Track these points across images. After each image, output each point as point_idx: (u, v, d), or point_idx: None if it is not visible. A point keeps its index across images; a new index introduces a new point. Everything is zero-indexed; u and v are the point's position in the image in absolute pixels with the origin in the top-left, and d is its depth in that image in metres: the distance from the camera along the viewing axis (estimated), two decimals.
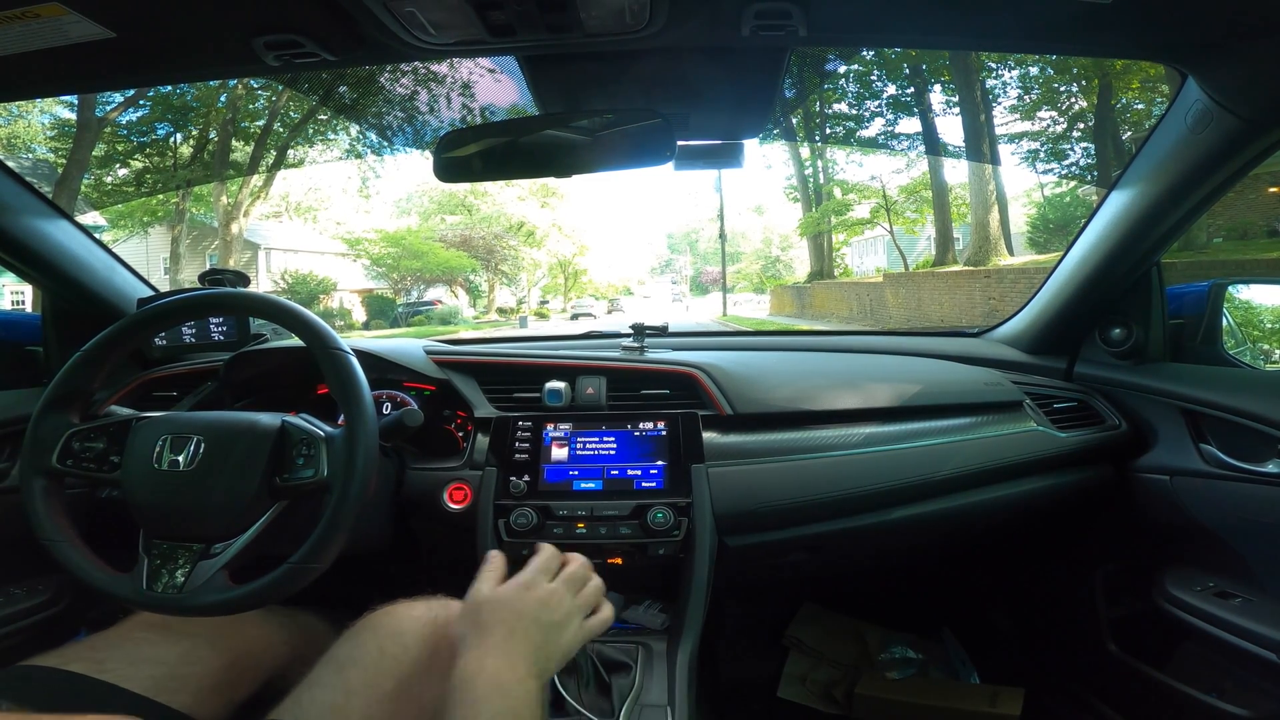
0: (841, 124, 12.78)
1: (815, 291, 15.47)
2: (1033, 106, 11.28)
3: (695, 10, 0.71)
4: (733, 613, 1.57)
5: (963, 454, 1.06)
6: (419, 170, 24.23)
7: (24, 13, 0.65)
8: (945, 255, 12.75)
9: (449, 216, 19.27)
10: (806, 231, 17.19)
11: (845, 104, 12.53)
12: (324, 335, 0.77)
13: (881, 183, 15.30)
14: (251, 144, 11.10)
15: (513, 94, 1.35)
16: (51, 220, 1.16)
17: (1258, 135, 0.86)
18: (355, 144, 11.84)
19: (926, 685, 1.37)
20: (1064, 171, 12.15)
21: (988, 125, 11.25)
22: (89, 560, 0.74)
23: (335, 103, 8.96)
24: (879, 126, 12.63)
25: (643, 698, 0.81)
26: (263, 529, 0.73)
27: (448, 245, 17.64)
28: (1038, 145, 11.77)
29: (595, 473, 1.00)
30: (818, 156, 16.11)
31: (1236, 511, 0.98)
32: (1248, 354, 1.23)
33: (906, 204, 14.77)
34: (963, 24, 0.80)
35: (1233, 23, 0.73)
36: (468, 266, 18.01)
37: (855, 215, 15.69)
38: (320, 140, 11.58)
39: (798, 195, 17.16)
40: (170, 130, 10.43)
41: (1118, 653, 1.17)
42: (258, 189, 12.69)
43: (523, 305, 19.95)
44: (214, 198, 12.30)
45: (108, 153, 9.89)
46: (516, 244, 18.72)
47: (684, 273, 32.67)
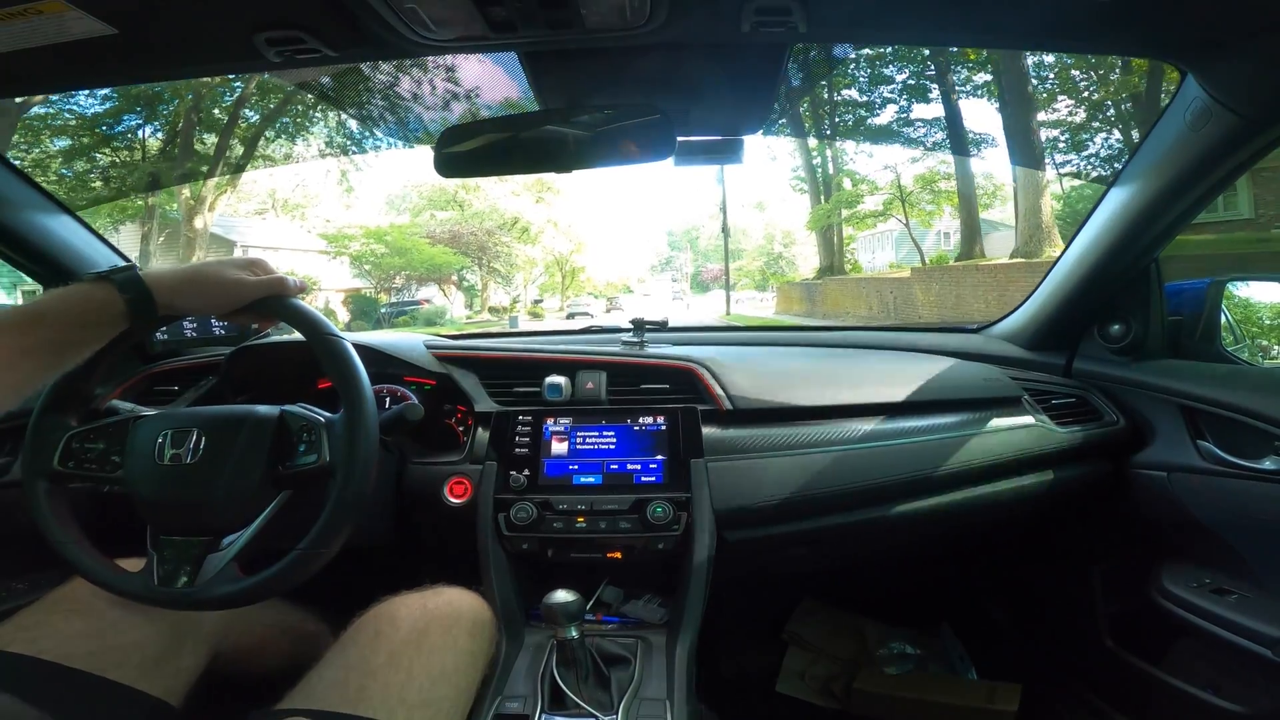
0: (853, 111, 11.83)
1: (828, 288, 14.41)
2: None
3: (695, 7, 0.71)
4: (732, 607, 1.57)
5: (962, 449, 1.06)
6: (409, 164, 23.26)
7: (26, 9, 0.65)
8: (972, 248, 11.68)
9: (439, 213, 18.44)
10: (816, 225, 16.17)
11: (856, 91, 11.46)
12: (319, 323, 0.77)
13: (896, 172, 14.13)
14: (219, 135, 10.22)
15: (513, 89, 1.36)
16: (53, 215, 1.16)
17: (1256, 133, 0.86)
18: (335, 134, 11.07)
19: (925, 680, 1.38)
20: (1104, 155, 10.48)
21: (1032, 102, 9.99)
22: (98, 560, 0.74)
23: (314, 89, 8.54)
24: (892, 114, 11.58)
25: (642, 691, 0.81)
26: (270, 520, 0.73)
27: (434, 241, 16.69)
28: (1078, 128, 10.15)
29: (595, 467, 1.01)
30: (827, 145, 15.09)
31: (1234, 508, 0.99)
32: (1246, 351, 1.23)
33: (922, 194, 13.83)
34: (963, 21, 0.80)
35: (1232, 21, 0.73)
36: (455, 264, 17.12)
37: (867, 207, 14.73)
38: (298, 132, 10.89)
39: (805, 187, 16.36)
40: (139, 122, 9.71)
41: (1115, 648, 1.17)
42: (224, 181, 11.75)
43: (517, 304, 19.28)
44: (177, 191, 11.25)
45: (73, 146, 9.22)
46: (509, 240, 18.08)
47: (684, 270, 32.15)
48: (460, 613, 0.80)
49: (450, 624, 0.78)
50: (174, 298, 0.71)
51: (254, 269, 0.76)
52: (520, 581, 0.98)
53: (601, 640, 0.89)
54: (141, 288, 0.68)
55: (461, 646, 0.77)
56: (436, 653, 0.73)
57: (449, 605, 0.80)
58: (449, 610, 0.79)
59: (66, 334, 0.66)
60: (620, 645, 0.89)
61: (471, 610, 0.82)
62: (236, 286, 0.73)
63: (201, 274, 0.73)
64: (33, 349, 0.64)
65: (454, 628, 0.78)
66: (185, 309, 0.73)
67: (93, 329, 0.68)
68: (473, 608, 0.83)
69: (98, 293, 0.67)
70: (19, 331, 0.63)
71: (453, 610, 0.80)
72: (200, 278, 0.73)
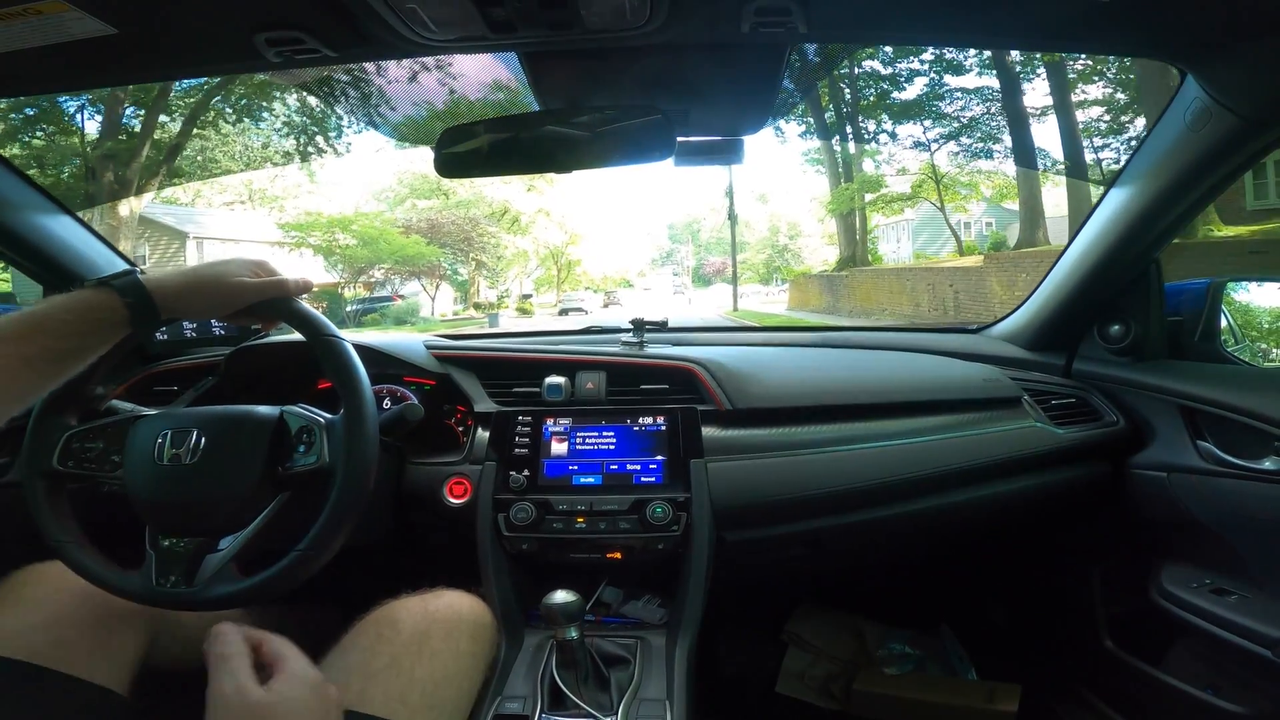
0: (877, 84, 10.48)
1: (856, 281, 12.52)
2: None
3: (695, 7, 0.71)
4: (731, 608, 1.57)
5: (961, 450, 1.06)
6: (390, 150, 22.16)
7: (25, 9, 0.65)
8: (1035, 234, 10.49)
9: (421, 201, 17.11)
10: (837, 208, 14.32)
11: (879, 62, 10.24)
12: (319, 323, 0.77)
13: (929, 147, 12.05)
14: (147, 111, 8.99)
15: (513, 90, 1.34)
16: (53, 216, 1.16)
17: (1256, 134, 0.86)
18: (295, 116, 10.15)
19: (924, 681, 1.38)
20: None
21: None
22: (97, 560, 0.74)
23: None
24: (921, 86, 10.31)
25: (641, 692, 0.81)
26: (268, 521, 0.73)
27: (408, 231, 15.35)
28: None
29: (595, 467, 1.01)
30: (847, 121, 12.70)
31: (1233, 508, 0.99)
32: (1246, 351, 1.23)
33: (958, 176, 12.32)
34: (963, 21, 0.80)
35: (1231, 21, 0.73)
36: (429, 255, 15.55)
37: (893, 190, 13.12)
38: (250, 112, 10.00)
39: (822, 168, 14.81)
40: (80, 103, 8.74)
41: (1114, 649, 1.17)
42: (154, 163, 9.79)
43: (505, 299, 18.28)
44: (99, 173, 9.35)
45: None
46: (496, 231, 17.02)
47: (686, 264, 31.38)
48: (461, 616, 0.80)
49: (451, 627, 0.78)
50: (175, 301, 0.71)
51: (256, 270, 0.76)
52: (520, 582, 0.98)
53: (601, 641, 0.88)
54: (143, 293, 0.68)
55: (463, 650, 0.77)
56: (438, 657, 0.73)
57: (450, 608, 0.80)
58: (450, 613, 0.79)
59: (68, 341, 0.66)
60: (620, 646, 0.89)
61: (473, 613, 0.82)
62: (238, 289, 0.73)
63: (202, 277, 0.73)
64: (34, 357, 0.64)
65: (455, 631, 0.78)
66: (186, 313, 0.74)
67: (94, 335, 0.68)
68: (474, 611, 0.83)
69: (99, 299, 0.67)
70: (21, 340, 0.63)
71: (454, 613, 0.80)
72: (201, 281, 0.73)
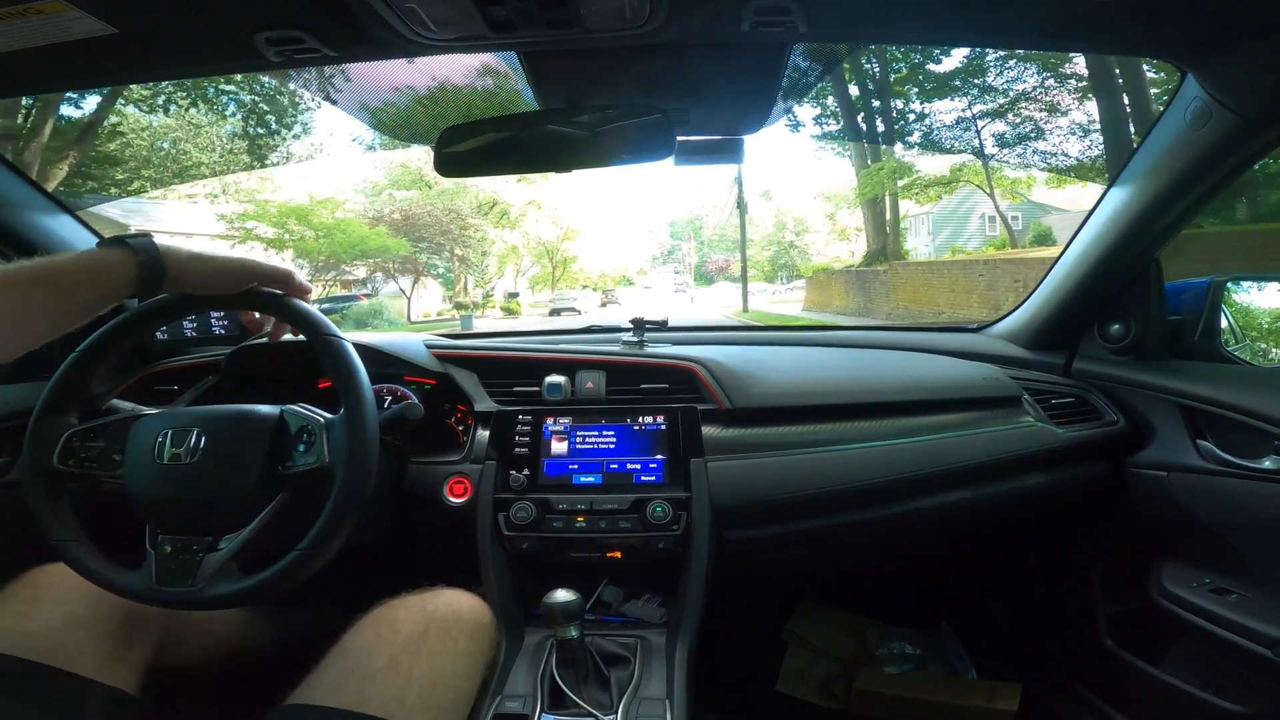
0: (908, 57, 9.25)
1: (898, 278, 10.55)
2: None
3: (695, 6, 0.71)
4: (732, 607, 1.58)
5: (961, 449, 1.06)
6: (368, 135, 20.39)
7: (25, 9, 0.65)
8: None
9: (399, 192, 15.46)
10: (866, 194, 12.78)
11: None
12: (319, 323, 0.77)
13: (977, 128, 10.16)
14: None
15: (513, 89, 1.32)
16: (53, 215, 1.16)
17: (1256, 133, 0.86)
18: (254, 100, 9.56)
19: (924, 680, 1.38)
20: None
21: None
22: (98, 559, 0.74)
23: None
24: (959, 58, 8.67)
25: (641, 691, 0.81)
26: (269, 520, 0.73)
27: (373, 223, 13.86)
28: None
29: (595, 467, 1.01)
30: (874, 96, 11.21)
31: (1233, 508, 0.99)
32: (1246, 351, 1.23)
33: (1007, 158, 10.57)
34: (962, 20, 0.80)
35: (1231, 21, 0.73)
36: (395, 249, 14.18)
37: (927, 174, 11.50)
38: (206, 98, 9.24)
39: (844, 150, 13.31)
40: None
41: (1114, 648, 1.17)
42: (64, 138, 7.96)
43: (490, 298, 17.19)
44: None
45: None
46: (481, 223, 15.79)
47: (688, 261, 30.49)
48: (460, 615, 0.80)
49: (450, 627, 0.77)
50: (183, 271, 0.73)
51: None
52: (520, 581, 0.98)
53: (601, 640, 0.89)
54: (156, 256, 0.71)
55: (461, 650, 0.77)
56: (436, 656, 0.73)
57: (449, 608, 0.80)
58: (449, 613, 0.79)
59: (76, 293, 0.67)
60: (620, 645, 0.89)
61: (472, 613, 0.82)
62: (248, 265, 0.77)
63: (214, 251, 0.77)
64: (42, 303, 0.65)
65: (454, 631, 0.77)
66: (193, 283, 0.75)
67: (102, 290, 0.69)
68: (473, 610, 0.83)
69: (114, 255, 0.69)
70: (31, 285, 0.65)
71: (453, 613, 0.80)
72: (211, 254, 0.76)
